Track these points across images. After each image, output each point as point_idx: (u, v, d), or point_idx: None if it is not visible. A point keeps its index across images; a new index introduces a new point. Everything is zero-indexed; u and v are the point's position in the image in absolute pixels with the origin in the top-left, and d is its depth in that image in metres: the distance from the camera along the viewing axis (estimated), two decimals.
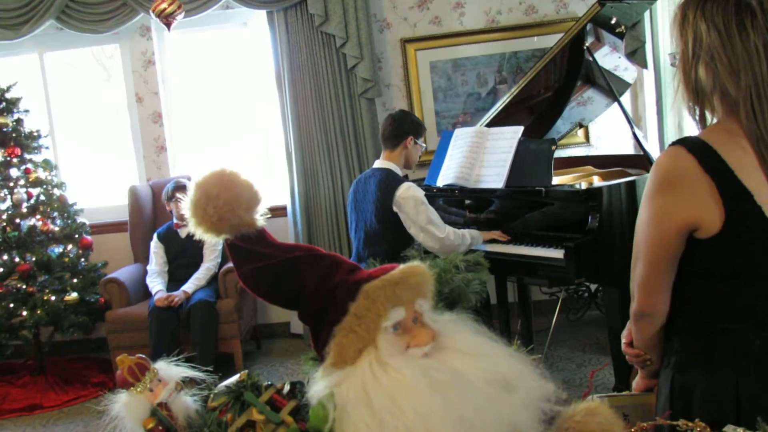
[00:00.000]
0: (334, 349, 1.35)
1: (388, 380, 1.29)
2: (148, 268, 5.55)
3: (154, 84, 6.16)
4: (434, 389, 1.27)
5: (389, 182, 4.16)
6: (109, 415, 1.43)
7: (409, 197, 4.06)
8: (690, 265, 1.77)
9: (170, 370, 1.46)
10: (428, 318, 1.40)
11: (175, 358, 1.52)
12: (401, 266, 1.40)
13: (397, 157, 4.34)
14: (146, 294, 5.51)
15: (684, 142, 1.72)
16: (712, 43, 1.67)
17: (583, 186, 4.06)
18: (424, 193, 4.14)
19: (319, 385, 1.33)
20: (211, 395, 1.43)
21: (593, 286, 5.60)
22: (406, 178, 4.34)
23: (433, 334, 1.38)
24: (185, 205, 1.45)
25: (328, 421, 1.28)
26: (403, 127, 4.33)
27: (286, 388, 1.41)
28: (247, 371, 1.41)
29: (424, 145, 4.47)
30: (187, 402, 1.44)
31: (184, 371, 1.47)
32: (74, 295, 5.47)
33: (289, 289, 1.46)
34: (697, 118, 1.77)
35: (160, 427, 1.39)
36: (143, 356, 1.43)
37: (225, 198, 1.42)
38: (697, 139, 1.71)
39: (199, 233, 1.44)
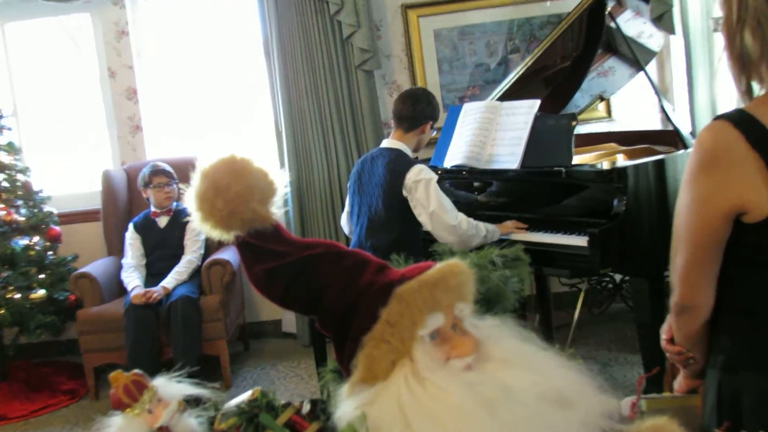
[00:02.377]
0: (363, 361, 1.29)
1: (427, 398, 1.23)
2: (124, 261, 5.50)
3: (128, 57, 6.08)
4: (481, 407, 1.22)
5: (399, 164, 4.11)
6: None
7: (420, 180, 4.02)
8: (737, 253, 1.76)
9: (171, 387, 1.38)
10: (469, 324, 1.34)
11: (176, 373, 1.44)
12: (438, 265, 1.33)
13: (410, 139, 4.30)
14: (121, 290, 5.46)
15: (728, 116, 1.70)
16: (759, 6, 1.65)
17: (607, 165, 4.01)
18: (437, 177, 4.08)
19: (347, 405, 1.26)
20: (219, 416, 1.35)
21: (618, 277, 5.57)
22: (417, 160, 4.30)
23: (475, 343, 1.32)
24: (189, 197, 1.38)
25: None
26: (426, 112, 4.29)
27: (306, 407, 1.33)
28: (260, 388, 1.34)
29: (436, 130, 4.44)
30: (192, 425, 1.36)
31: (187, 389, 1.40)
32: (41, 292, 5.40)
33: (308, 292, 1.39)
34: (743, 88, 1.74)
35: None
36: (140, 372, 1.36)
37: (237, 189, 1.35)
38: (743, 112, 1.69)
39: (207, 229, 1.37)
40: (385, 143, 4.34)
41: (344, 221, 4.59)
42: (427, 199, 4.00)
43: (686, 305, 1.84)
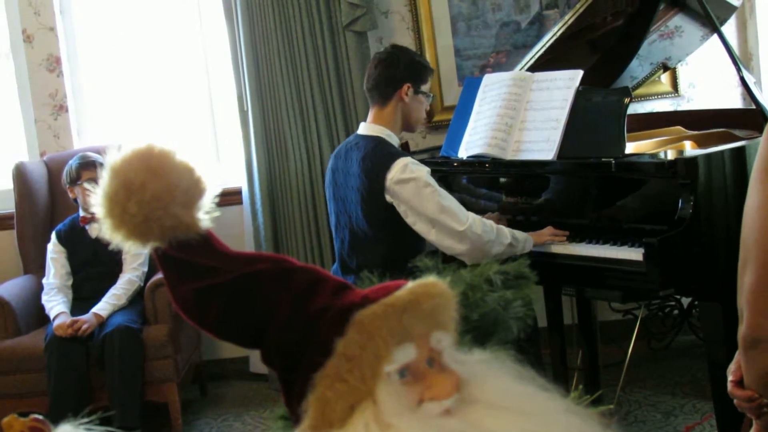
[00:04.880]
0: (315, 405, 1.33)
1: None
2: (45, 281, 5.52)
3: (49, 16, 6.11)
4: None
5: (376, 160, 4.10)
6: None
7: (407, 179, 4.00)
8: None
9: None
10: (450, 358, 1.39)
11: (87, 418, 1.49)
12: (410, 284, 1.38)
13: (390, 116, 4.28)
14: (42, 319, 5.49)
15: None
16: None
17: (670, 155, 4.05)
18: (430, 170, 4.09)
19: None
20: None
21: (685, 301, 5.58)
22: (405, 148, 4.26)
23: (457, 382, 1.37)
24: (96, 200, 1.42)
25: None
26: (395, 71, 4.26)
27: None
28: None
29: (431, 94, 4.43)
30: None
31: None
32: None
33: (248, 320, 1.44)
34: None
35: None
36: (40, 417, 1.41)
37: (154, 189, 1.40)
38: None
39: (117, 240, 1.42)
40: (362, 128, 4.33)
41: None
42: (421, 203, 3.98)
43: (758, 337, 1.86)
